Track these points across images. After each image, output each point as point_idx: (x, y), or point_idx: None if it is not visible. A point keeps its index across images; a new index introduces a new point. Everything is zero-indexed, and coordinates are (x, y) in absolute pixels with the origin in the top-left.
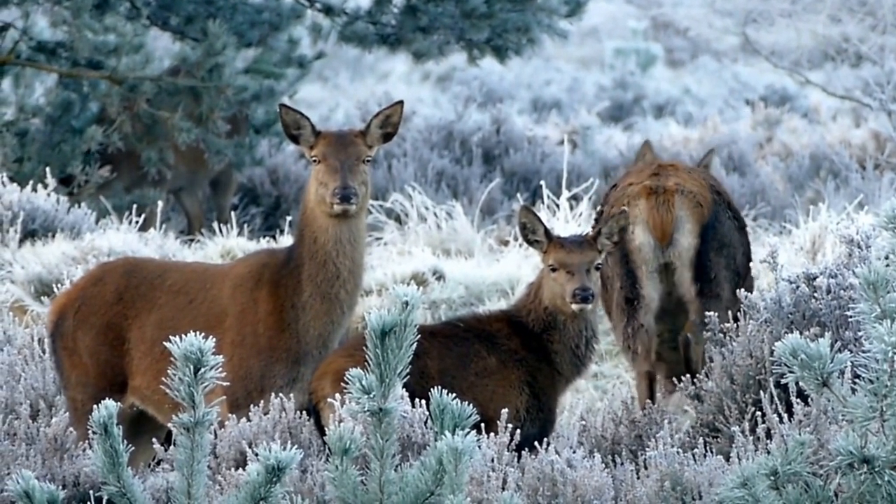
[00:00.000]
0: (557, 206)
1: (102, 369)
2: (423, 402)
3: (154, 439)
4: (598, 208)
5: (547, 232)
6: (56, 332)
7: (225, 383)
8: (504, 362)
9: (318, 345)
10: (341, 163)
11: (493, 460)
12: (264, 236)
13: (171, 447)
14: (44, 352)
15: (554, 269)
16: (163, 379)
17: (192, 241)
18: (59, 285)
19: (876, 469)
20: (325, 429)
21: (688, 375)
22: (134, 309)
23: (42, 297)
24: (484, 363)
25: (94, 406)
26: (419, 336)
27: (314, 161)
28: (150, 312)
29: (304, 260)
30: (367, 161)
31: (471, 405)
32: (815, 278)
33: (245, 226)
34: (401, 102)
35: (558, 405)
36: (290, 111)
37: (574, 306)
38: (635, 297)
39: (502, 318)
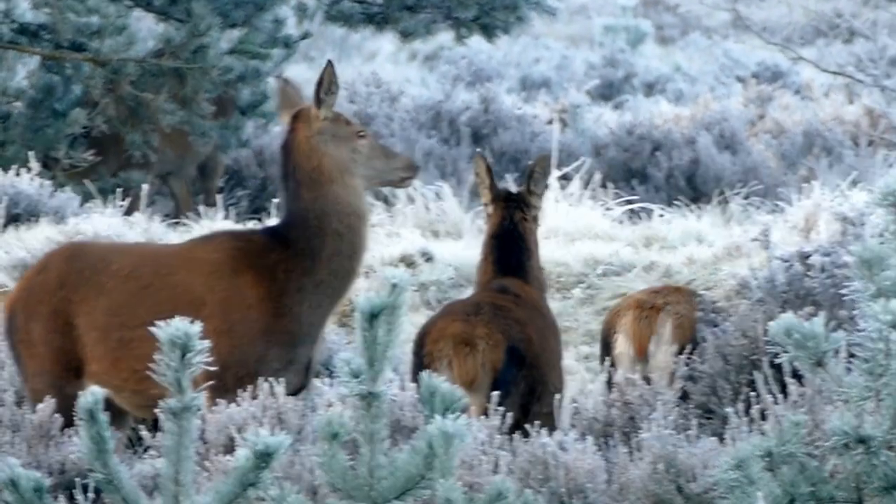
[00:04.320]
0: (547, 185)
1: (56, 356)
2: (532, 371)
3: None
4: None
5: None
6: (11, 327)
7: (211, 368)
8: (556, 340)
9: (319, 324)
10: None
11: (483, 444)
12: (251, 218)
13: (159, 433)
14: None
15: None
16: (122, 366)
17: (177, 224)
18: None
19: (872, 449)
20: None
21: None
22: (78, 294)
23: None
24: (549, 334)
25: (54, 394)
26: (512, 304)
27: (360, 136)
28: (96, 297)
29: (320, 239)
30: None
31: (553, 377)
32: (808, 257)
33: (231, 208)
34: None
35: None
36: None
37: None
38: None
39: (529, 286)
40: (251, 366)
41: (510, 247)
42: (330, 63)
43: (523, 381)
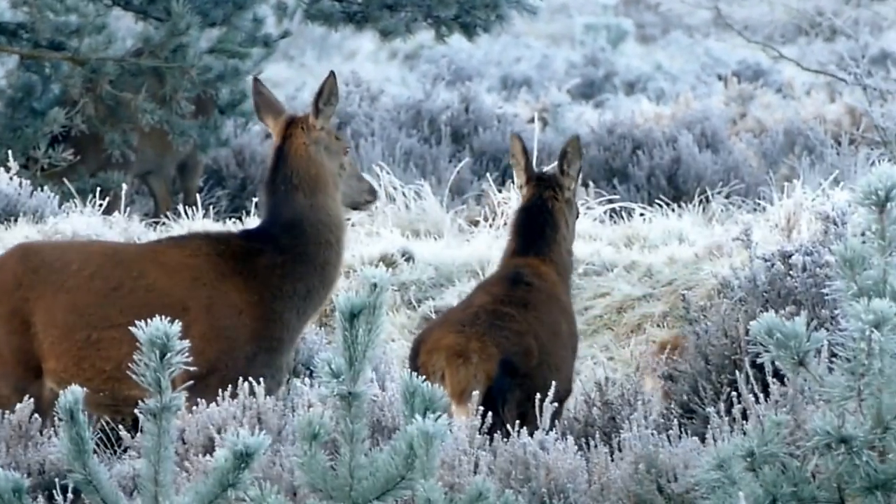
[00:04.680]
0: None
1: (17, 357)
2: (528, 380)
3: None
4: None
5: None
6: None
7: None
8: (569, 323)
9: (300, 331)
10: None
11: (465, 444)
12: (230, 218)
13: (138, 434)
14: None
15: None
16: (85, 365)
17: (157, 223)
18: None
19: (854, 449)
20: None
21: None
22: (34, 292)
23: None
24: (563, 330)
25: (18, 396)
26: (518, 310)
27: (346, 152)
28: (55, 295)
29: (315, 247)
30: None
31: (560, 382)
32: (790, 256)
33: (211, 208)
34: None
35: None
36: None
37: None
38: None
39: (549, 266)
40: (240, 370)
41: (536, 223)
42: (332, 74)
43: (518, 389)
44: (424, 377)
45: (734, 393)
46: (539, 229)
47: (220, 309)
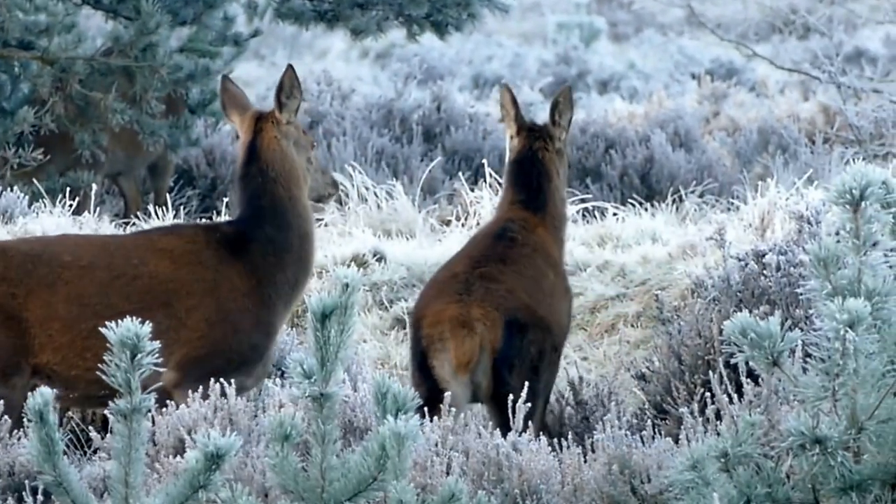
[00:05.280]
0: (500, 184)
1: None
2: (537, 332)
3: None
4: None
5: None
6: None
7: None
8: (557, 275)
9: (284, 322)
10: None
11: (436, 444)
12: (201, 218)
13: (108, 435)
14: None
15: None
16: (88, 356)
17: (127, 223)
18: None
19: (828, 450)
20: (432, 373)
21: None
22: (23, 287)
23: None
24: (547, 283)
25: None
26: (499, 266)
27: (313, 146)
28: (51, 288)
29: (295, 239)
30: None
31: (554, 330)
32: (764, 255)
33: (181, 208)
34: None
35: None
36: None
37: None
38: None
39: (540, 223)
40: (244, 354)
41: (528, 173)
42: (290, 66)
43: (531, 346)
44: (430, 349)
45: (708, 393)
46: (532, 180)
47: (224, 293)
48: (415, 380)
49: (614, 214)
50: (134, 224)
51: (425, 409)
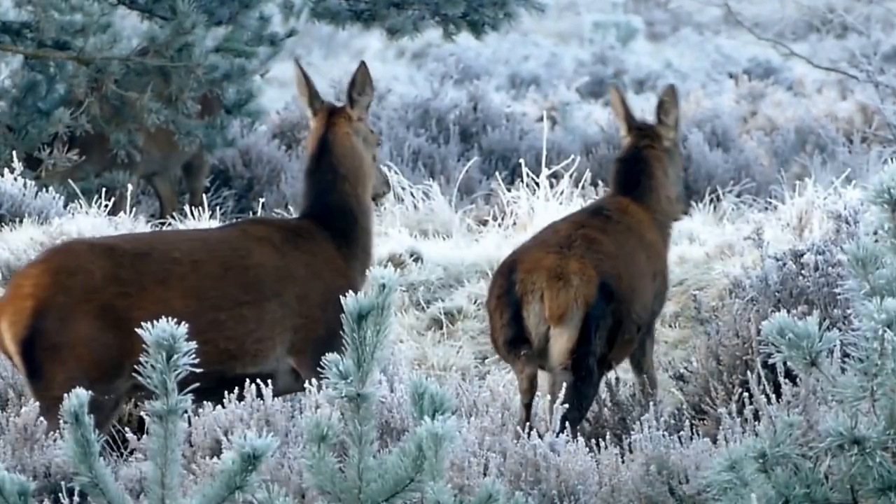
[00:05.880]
0: (537, 184)
1: (99, 356)
2: (620, 305)
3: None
4: None
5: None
6: (34, 336)
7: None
8: (648, 258)
9: None
10: None
11: (474, 445)
12: (237, 219)
13: (144, 436)
14: None
15: None
16: (207, 348)
17: (163, 224)
18: None
19: (867, 450)
20: (524, 322)
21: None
22: (136, 285)
23: None
24: (639, 261)
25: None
26: (599, 234)
27: (379, 143)
28: (164, 285)
29: (362, 233)
30: None
31: (644, 310)
32: (802, 255)
33: (217, 208)
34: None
35: None
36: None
37: None
38: None
39: (638, 208)
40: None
41: (632, 169)
42: (363, 63)
43: (611, 316)
44: (522, 295)
45: (746, 393)
46: (635, 177)
47: (330, 276)
48: (497, 324)
49: None
50: (169, 225)
51: (507, 353)
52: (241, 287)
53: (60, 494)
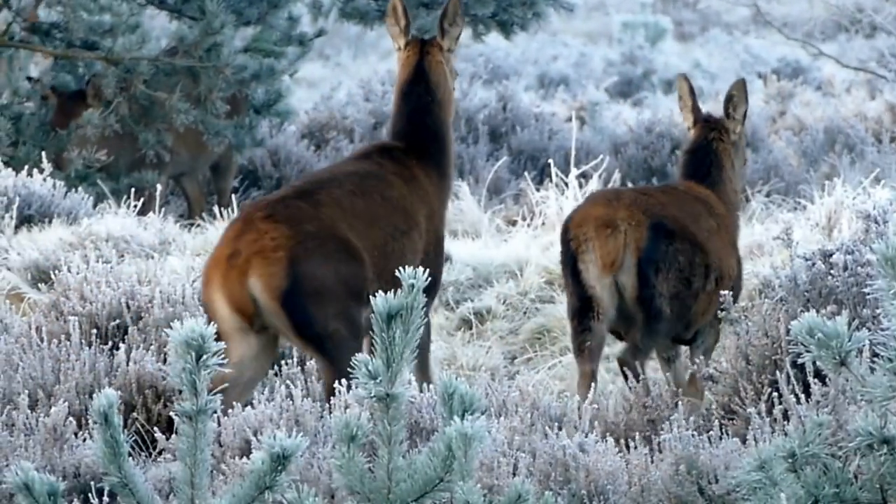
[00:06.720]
0: (566, 184)
1: (351, 287)
2: (686, 244)
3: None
4: None
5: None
6: (294, 285)
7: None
8: (720, 227)
9: None
10: None
11: (503, 445)
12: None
13: (173, 436)
14: (42, 339)
15: None
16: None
17: (192, 225)
18: (56, 272)
19: None
20: (581, 276)
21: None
22: (348, 219)
23: (39, 284)
24: (707, 223)
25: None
26: (658, 193)
27: (457, 76)
28: (353, 218)
29: (450, 160)
30: None
31: (711, 257)
32: (831, 255)
33: None
34: None
35: None
36: None
37: None
38: None
39: (706, 189)
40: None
41: (701, 161)
42: None
43: (679, 255)
44: (577, 250)
45: (775, 393)
46: (705, 168)
47: (436, 205)
48: (567, 287)
49: None
50: (198, 225)
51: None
52: (399, 217)
53: (90, 495)
